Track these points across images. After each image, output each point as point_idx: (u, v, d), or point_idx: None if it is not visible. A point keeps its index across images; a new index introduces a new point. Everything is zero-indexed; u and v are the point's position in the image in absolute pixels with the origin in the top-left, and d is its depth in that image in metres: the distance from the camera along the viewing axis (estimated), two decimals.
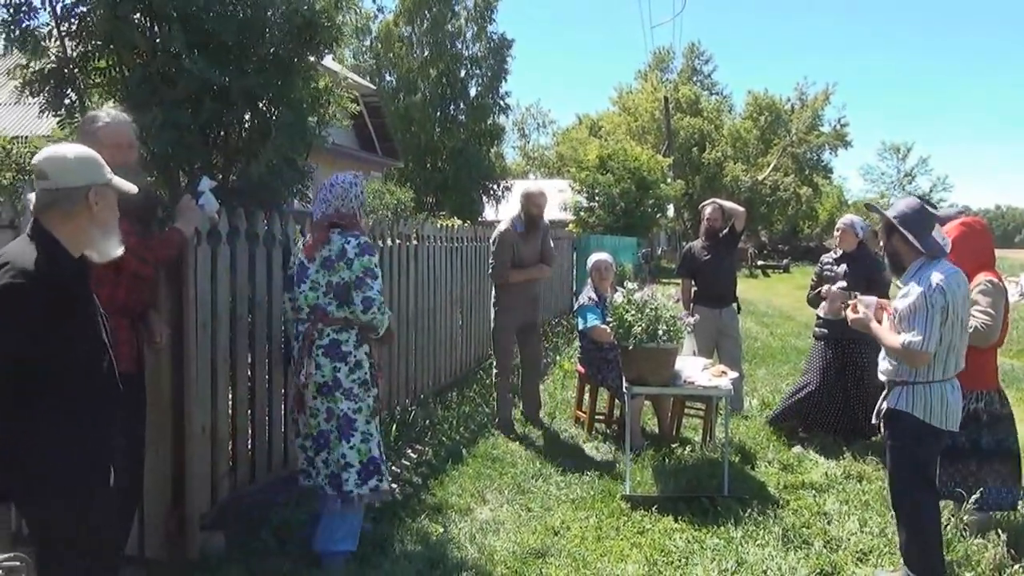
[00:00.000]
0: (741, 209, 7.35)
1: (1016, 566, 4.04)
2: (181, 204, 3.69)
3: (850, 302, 4.15)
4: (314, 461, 3.99)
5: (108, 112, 3.40)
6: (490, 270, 6.76)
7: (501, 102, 30.14)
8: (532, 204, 6.70)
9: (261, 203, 4.91)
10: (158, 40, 4.86)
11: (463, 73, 29.59)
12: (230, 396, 4.20)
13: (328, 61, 7.34)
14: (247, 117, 5.33)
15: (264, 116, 5.26)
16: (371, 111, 23.51)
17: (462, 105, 29.63)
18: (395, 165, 26.12)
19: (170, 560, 3.82)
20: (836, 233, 6.60)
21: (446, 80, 28.87)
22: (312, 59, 5.48)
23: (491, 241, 6.79)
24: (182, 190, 4.68)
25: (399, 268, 6.33)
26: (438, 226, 7.83)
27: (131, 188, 2.60)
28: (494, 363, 6.86)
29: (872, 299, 4.09)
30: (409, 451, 5.86)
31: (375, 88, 25.38)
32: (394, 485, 5.15)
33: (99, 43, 4.92)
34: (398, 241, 6.35)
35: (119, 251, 2.57)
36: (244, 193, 5.04)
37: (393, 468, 5.46)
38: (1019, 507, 4.59)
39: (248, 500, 4.11)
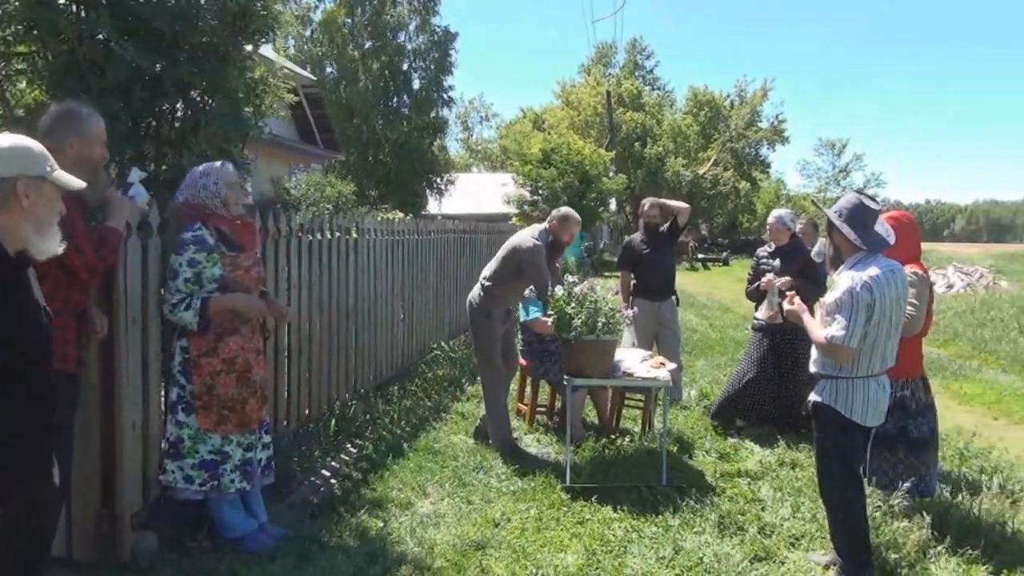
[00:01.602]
0: (684, 206, 7.44)
1: (939, 547, 4.18)
2: (109, 197, 3.56)
3: (787, 293, 4.24)
4: None
5: (86, 107, 3.33)
6: (538, 284, 5.85)
7: (445, 95, 30.04)
8: (568, 232, 6.08)
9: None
10: (85, 26, 4.71)
11: (406, 66, 29.42)
12: (162, 392, 4.11)
13: (267, 51, 7.21)
14: (180, 107, 5.22)
15: (197, 106, 5.16)
16: (312, 102, 23.16)
17: (405, 98, 29.46)
18: (336, 157, 25.80)
19: (100, 561, 3.73)
20: (767, 229, 6.72)
21: (389, 72, 28.67)
22: (248, 48, 5.39)
23: (521, 248, 5.91)
24: (111, 181, 4.54)
25: (338, 261, 6.26)
26: (379, 219, 7.77)
27: (76, 184, 2.48)
28: (481, 379, 6.21)
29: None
30: (349, 446, 5.81)
31: (316, 79, 25.02)
32: (333, 481, 5.12)
33: (20, 28, 4.75)
34: (337, 234, 6.28)
35: (58, 249, 2.48)
36: (177, 185, 4.92)
37: (333, 463, 5.42)
38: (937, 492, 4.76)
39: (182, 499, 4.02)
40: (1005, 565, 4.09)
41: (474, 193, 36.44)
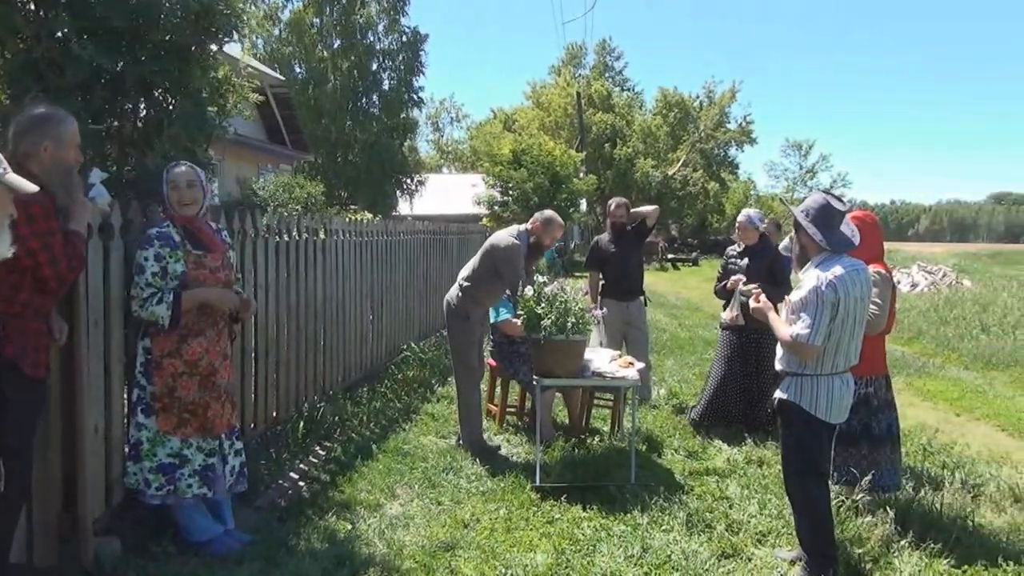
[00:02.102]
0: (652, 209, 7.48)
1: (903, 541, 4.24)
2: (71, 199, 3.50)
3: (752, 291, 4.28)
4: None
5: (60, 111, 3.29)
6: (508, 285, 5.78)
7: (415, 96, 29.94)
8: (550, 235, 6.01)
9: (158, 196, 4.73)
10: (43, 24, 4.63)
11: (375, 66, 29.28)
12: (125, 395, 4.05)
13: (233, 50, 7.15)
14: (142, 106, 5.15)
15: (160, 105, 5.10)
16: (280, 102, 22.99)
17: (375, 98, 29.33)
18: (305, 158, 25.63)
19: (61, 567, 3.66)
20: (737, 229, 6.78)
21: (358, 72, 28.51)
22: (212, 47, 5.33)
23: (498, 246, 5.82)
24: (85, 185, 4.47)
25: (306, 262, 6.22)
26: (348, 220, 7.73)
27: (28, 187, 2.40)
28: (456, 380, 6.15)
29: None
30: (317, 448, 5.77)
31: (284, 79, 24.83)
32: (301, 484, 5.09)
33: None
34: (305, 235, 6.24)
35: (8, 252, 2.43)
36: (139, 185, 4.86)
37: (301, 466, 5.38)
38: (901, 487, 4.83)
39: (146, 503, 3.96)
40: (966, 560, 4.16)
41: (444, 194, 36.39)
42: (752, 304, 4.20)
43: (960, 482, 5.19)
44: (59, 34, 4.43)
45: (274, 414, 5.68)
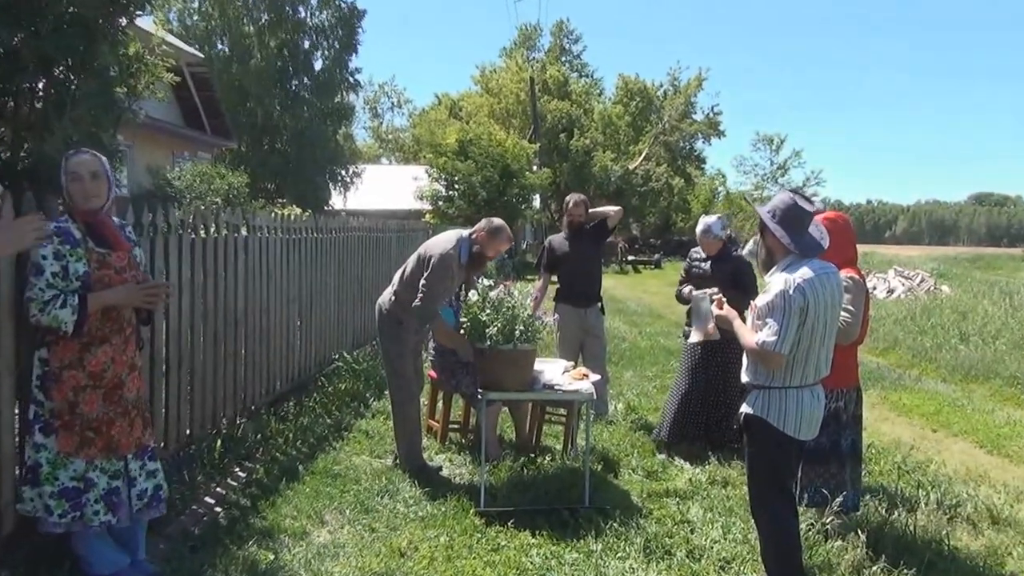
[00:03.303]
0: (615, 209, 7.53)
1: (875, 567, 4.35)
2: None
3: (710, 295, 4.36)
4: None
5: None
6: (419, 302, 5.66)
7: (351, 78, 29.81)
8: (495, 247, 5.93)
9: (56, 187, 4.64)
10: None
11: (307, 44, 29.08)
12: (16, 410, 3.95)
13: (145, 23, 7.04)
14: (41, 85, 5.04)
15: (62, 85, 4.99)
16: (199, 83, 22.68)
17: (306, 80, 29.12)
18: (227, 145, 25.32)
19: None
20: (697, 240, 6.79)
21: (287, 51, 28.27)
22: (121, 20, 5.24)
23: (430, 255, 5.74)
24: None
25: (226, 262, 6.14)
26: (273, 215, 7.66)
27: None
28: (390, 392, 6.16)
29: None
30: (237, 470, 5.71)
31: (203, 57, 24.49)
32: (218, 509, 5.02)
33: None
34: (224, 231, 6.16)
35: None
36: (36, 174, 4.76)
37: (218, 489, 5.31)
38: (860, 508, 4.95)
39: (46, 533, 3.87)
40: None
41: (383, 187, 36.24)
42: (715, 311, 4.27)
43: (936, 502, 5.34)
44: None
45: (188, 432, 5.60)
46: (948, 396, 9.60)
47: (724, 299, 4.41)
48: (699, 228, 6.71)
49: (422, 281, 5.68)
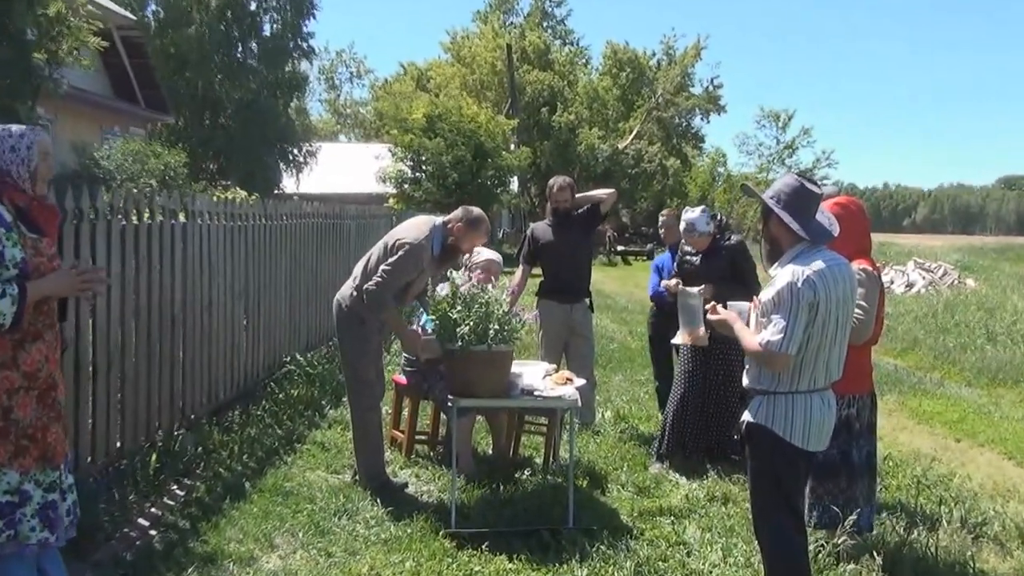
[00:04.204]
0: (608, 192, 7.53)
1: None
2: None
3: (707, 308, 4.33)
4: None
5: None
6: (373, 285, 5.61)
7: (304, 44, 29.65)
8: (471, 241, 5.92)
9: None
10: None
11: (254, 5, 28.88)
12: None
13: None
14: None
15: None
16: (130, 48, 22.52)
17: (253, 46, 28.95)
18: (163, 120, 25.16)
19: None
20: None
21: (231, 13, 28.07)
22: None
23: (396, 242, 5.70)
24: None
25: (161, 252, 6.10)
26: (216, 199, 7.60)
27: None
28: (349, 399, 6.18)
29: (744, 305, 4.22)
30: (175, 487, 5.68)
31: (136, 19, 24.27)
32: (153, 532, 4.99)
33: None
34: (160, 218, 6.12)
35: None
36: None
37: (153, 510, 5.28)
38: (874, 528, 5.00)
39: None
40: None
41: (341, 168, 36.13)
42: (711, 318, 4.24)
43: (959, 520, 5.39)
44: None
45: (118, 445, 5.56)
46: (973, 402, 9.71)
47: (717, 301, 4.39)
48: (682, 226, 6.64)
49: (383, 265, 5.65)
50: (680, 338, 6.25)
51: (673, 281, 6.56)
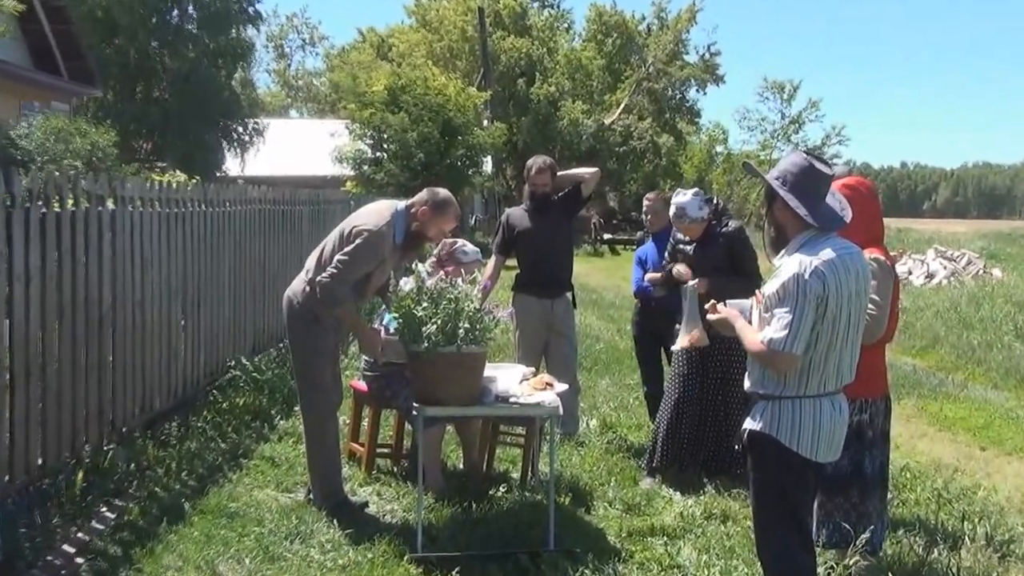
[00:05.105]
0: (590, 171, 7.53)
1: None
2: None
3: (707, 307, 4.34)
4: None
5: None
6: (328, 277, 5.56)
7: (249, 8, 29.50)
8: (438, 226, 5.90)
9: None
10: None
11: None
12: None
13: None
14: None
15: None
16: (52, 13, 22.36)
17: (191, 10, 28.78)
18: (90, 94, 24.97)
19: None
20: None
21: None
22: None
23: (355, 229, 5.67)
24: None
25: (87, 243, 6.07)
26: (150, 183, 7.56)
27: None
28: (302, 408, 6.19)
29: (745, 302, 4.22)
30: (104, 509, 5.66)
31: None
32: (80, 560, 4.97)
33: None
34: (86, 204, 6.08)
35: None
36: None
37: (80, 535, 5.26)
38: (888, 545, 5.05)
39: None
40: None
41: (293, 147, 36.04)
42: (711, 317, 4.23)
43: (984, 538, 5.44)
44: None
45: (40, 462, 5.54)
46: (1000, 406, 9.78)
47: (714, 294, 4.40)
48: (671, 211, 6.61)
49: (338, 255, 5.61)
50: (679, 343, 6.20)
51: (681, 267, 6.53)
